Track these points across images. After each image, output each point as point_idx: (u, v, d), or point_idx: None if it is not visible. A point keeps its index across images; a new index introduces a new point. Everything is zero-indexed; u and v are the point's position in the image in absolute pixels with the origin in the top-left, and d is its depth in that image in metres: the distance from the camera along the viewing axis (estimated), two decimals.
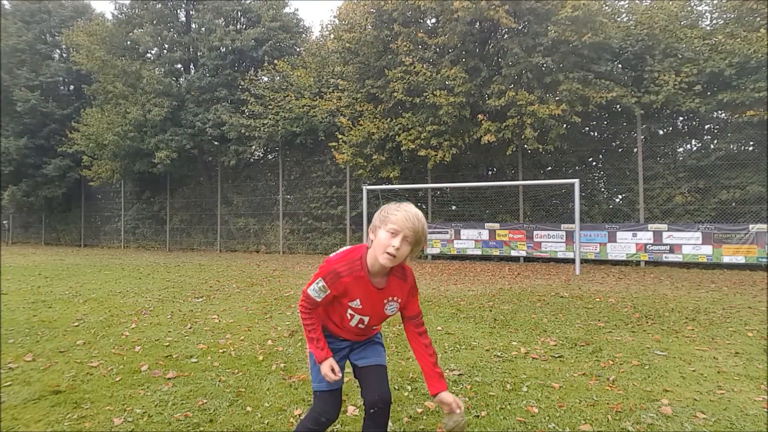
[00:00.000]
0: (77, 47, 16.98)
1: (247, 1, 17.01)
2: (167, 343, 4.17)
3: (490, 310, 5.57)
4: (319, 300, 1.75)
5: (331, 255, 1.81)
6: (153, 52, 17.90)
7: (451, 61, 10.85)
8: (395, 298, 1.80)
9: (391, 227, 1.62)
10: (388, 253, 1.62)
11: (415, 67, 10.88)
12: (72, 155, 18.47)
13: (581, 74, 9.96)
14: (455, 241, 12.17)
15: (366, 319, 1.82)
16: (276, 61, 15.11)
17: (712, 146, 10.74)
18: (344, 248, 1.84)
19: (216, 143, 16.45)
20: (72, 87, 21.12)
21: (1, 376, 3.34)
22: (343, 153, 12.45)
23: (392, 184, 12.43)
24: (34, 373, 3.39)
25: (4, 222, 25.44)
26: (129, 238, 19.73)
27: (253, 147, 15.82)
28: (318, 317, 1.81)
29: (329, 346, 1.84)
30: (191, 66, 17.44)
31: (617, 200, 11.87)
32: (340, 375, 1.77)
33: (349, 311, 1.79)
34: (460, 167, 12.59)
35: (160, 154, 15.40)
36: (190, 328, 4.77)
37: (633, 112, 10.57)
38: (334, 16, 15.78)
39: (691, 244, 9.86)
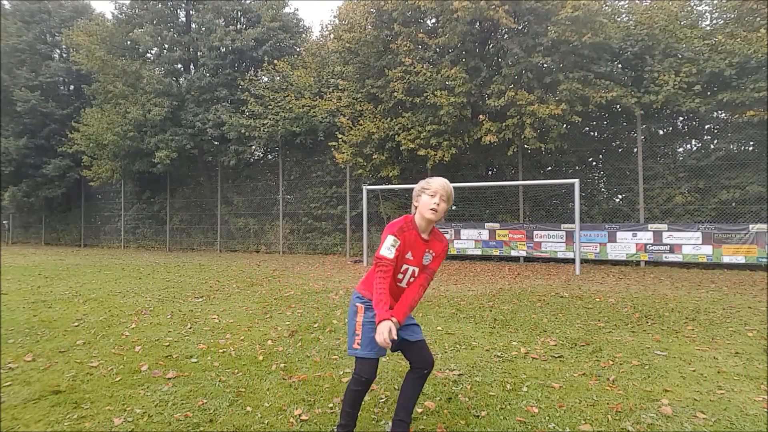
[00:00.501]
0: (77, 47, 16.97)
1: (247, 1, 17.00)
2: (167, 343, 4.17)
3: (490, 310, 5.57)
4: (392, 257, 2.14)
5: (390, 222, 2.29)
6: (153, 52, 17.90)
7: (451, 61, 10.85)
8: (431, 251, 2.33)
9: (431, 191, 2.23)
10: (432, 209, 2.20)
11: (415, 67, 10.88)
12: (72, 155, 18.48)
13: (581, 74, 9.96)
14: (455, 241, 12.17)
15: (416, 270, 2.29)
16: (276, 61, 15.11)
17: (712, 146, 10.73)
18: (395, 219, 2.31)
19: (216, 143, 16.44)
20: (72, 87, 21.13)
21: (1, 376, 3.34)
22: (343, 153, 12.44)
23: (392, 183, 12.41)
24: (34, 373, 3.39)
25: (4, 222, 25.44)
26: (129, 238, 19.73)
27: (253, 147, 15.82)
28: (388, 282, 2.13)
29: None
30: (191, 66, 17.44)
31: (617, 200, 11.87)
32: (392, 343, 2.02)
33: (404, 266, 2.26)
34: (460, 167, 12.58)
35: (160, 154, 15.40)
36: (190, 328, 4.77)
37: (633, 112, 10.57)
38: (334, 16, 15.82)
39: (691, 244, 9.86)
